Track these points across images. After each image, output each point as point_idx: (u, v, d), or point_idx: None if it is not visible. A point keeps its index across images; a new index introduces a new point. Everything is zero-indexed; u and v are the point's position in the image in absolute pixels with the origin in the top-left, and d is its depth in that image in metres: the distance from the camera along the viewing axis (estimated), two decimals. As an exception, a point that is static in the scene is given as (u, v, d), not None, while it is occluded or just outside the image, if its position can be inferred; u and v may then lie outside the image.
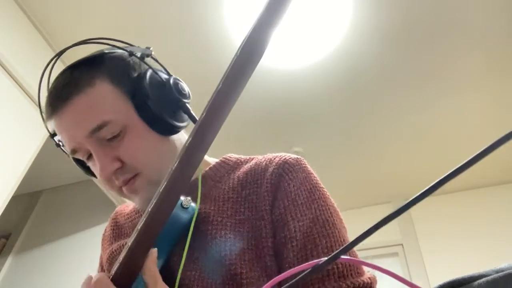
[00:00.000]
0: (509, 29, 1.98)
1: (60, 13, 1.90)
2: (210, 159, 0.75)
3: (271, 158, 0.67)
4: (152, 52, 0.66)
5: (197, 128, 0.42)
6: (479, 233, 2.83)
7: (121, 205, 0.84)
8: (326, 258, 0.28)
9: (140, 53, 0.64)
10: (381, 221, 0.26)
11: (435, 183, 0.24)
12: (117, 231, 0.77)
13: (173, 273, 0.56)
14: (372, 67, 2.18)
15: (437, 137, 2.66)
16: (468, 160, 0.23)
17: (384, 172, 3.00)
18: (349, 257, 0.36)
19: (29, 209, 2.74)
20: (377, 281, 0.57)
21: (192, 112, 0.64)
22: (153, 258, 0.49)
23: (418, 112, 2.47)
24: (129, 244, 0.47)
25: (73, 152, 0.63)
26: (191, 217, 0.59)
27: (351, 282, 0.53)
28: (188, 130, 0.52)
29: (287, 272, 0.30)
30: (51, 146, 1.95)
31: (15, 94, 1.77)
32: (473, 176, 2.92)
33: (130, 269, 0.48)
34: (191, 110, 0.64)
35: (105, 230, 0.82)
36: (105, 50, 0.65)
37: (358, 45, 2.05)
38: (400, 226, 3.05)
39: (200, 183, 0.64)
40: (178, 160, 0.43)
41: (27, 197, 2.79)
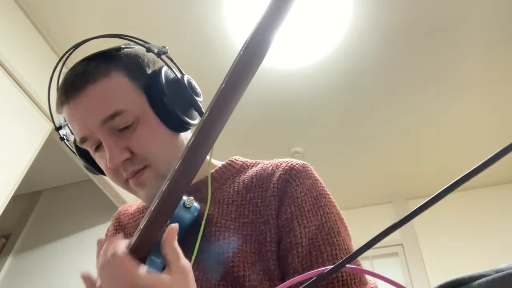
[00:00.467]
0: (509, 29, 1.98)
1: (60, 13, 1.90)
2: (216, 161, 0.74)
3: (278, 164, 0.67)
4: (168, 51, 0.67)
5: (201, 127, 0.42)
6: (479, 233, 2.83)
7: (124, 205, 0.84)
8: (331, 267, 0.28)
9: (157, 50, 0.65)
10: (384, 231, 0.26)
11: (440, 192, 0.24)
12: (120, 231, 0.76)
13: None
14: (372, 67, 2.18)
15: (438, 137, 2.66)
16: (471, 171, 0.23)
17: (385, 172, 3.00)
18: (354, 266, 0.36)
19: (29, 209, 2.74)
20: None
21: (204, 111, 0.64)
22: (174, 234, 0.48)
23: (418, 112, 2.47)
24: (132, 243, 0.47)
25: (82, 141, 0.62)
26: (193, 217, 0.59)
27: None
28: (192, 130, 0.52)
29: (291, 280, 0.30)
30: (51, 146, 1.96)
31: (15, 94, 1.77)
32: (473, 177, 2.92)
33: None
34: (203, 109, 0.64)
35: (108, 230, 0.81)
36: (122, 45, 0.66)
37: (358, 45, 2.05)
38: (400, 226, 3.04)
39: (210, 183, 0.64)
40: (182, 159, 0.44)
41: (27, 197, 2.79)
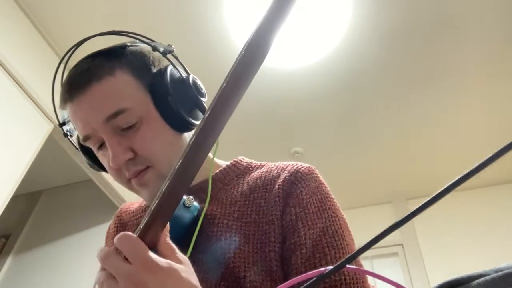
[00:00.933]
0: (509, 29, 1.98)
1: (60, 13, 1.90)
2: (220, 161, 0.74)
3: (283, 166, 0.67)
4: (174, 50, 0.66)
5: (201, 127, 0.42)
6: (479, 233, 2.83)
7: (126, 203, 0.84)
8: (331, 267, 0.28)
9: (163, 49, 0.65)
10: (384, 231, 0.26)
11: (440, 192, 0.24)
12: (121, 229, 0.76)
13: None
14: (372, 67, 2.18)
15: (438, 137, 2.66)
16: (471, 171, 0.23)
17: (385, 172, 3.00)
18: (354, 267, 0.36)
19: (29, 209, 2.74)
20: None
21: None
22: (165, 231, 0.47)
23: (418, 112, 2.47)
24: None
25: (85, 139, 0.62)
26: (193, 216, 0.59)
27: None
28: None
29: (292, 280, 0.30)
30: (51, 146, 1.96)
31: (15, 94, 1.77)
32: (473, 176, 2.92)
33: None
34: None
35: (109, 228, 0.81)
36: (127, 43, 0.66)
37: (358, 45, 2.05)
38: (400, 226, 3.04)
39: (210, 183, 0.64)
40: (182, 159, 0.44)
41: (27, 197, 2.79)
